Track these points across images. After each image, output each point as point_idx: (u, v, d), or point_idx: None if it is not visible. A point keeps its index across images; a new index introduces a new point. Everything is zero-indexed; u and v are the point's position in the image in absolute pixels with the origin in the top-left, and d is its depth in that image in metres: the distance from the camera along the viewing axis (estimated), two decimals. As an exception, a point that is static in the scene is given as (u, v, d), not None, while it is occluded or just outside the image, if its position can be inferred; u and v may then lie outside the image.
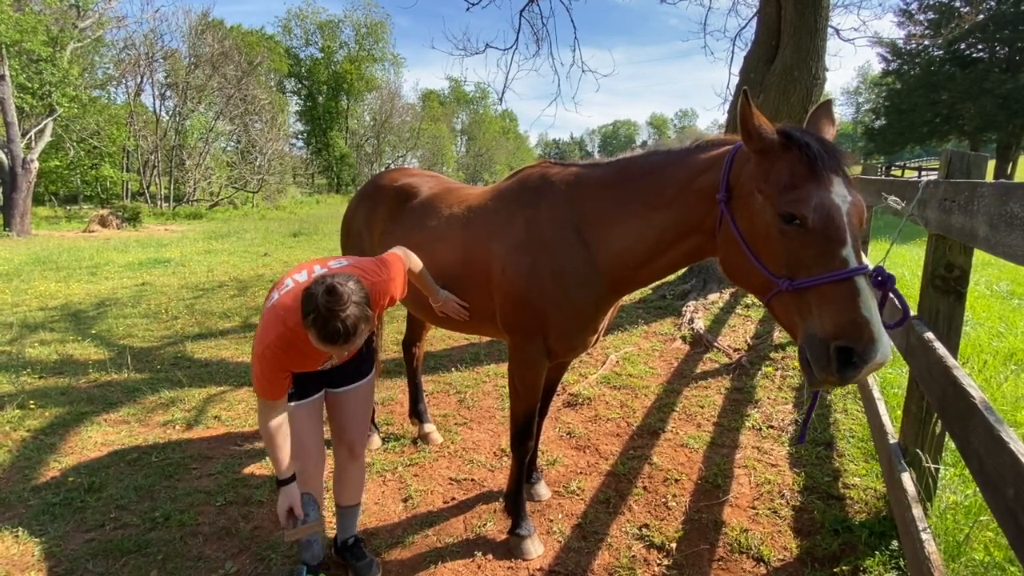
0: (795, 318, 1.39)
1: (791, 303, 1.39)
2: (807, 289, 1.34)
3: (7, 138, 16.10)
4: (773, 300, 1.45)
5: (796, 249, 1.37)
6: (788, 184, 1.37)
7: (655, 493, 2.70)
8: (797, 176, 1.37)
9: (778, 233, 1.39)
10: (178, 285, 8.34)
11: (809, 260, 1.34)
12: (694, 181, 1.70)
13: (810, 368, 1.33)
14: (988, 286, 6.31)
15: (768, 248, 1.43)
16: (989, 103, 21.19)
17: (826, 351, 1.28)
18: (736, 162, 1.57)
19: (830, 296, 1.30)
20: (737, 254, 1.54)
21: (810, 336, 1.32)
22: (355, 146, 46.36)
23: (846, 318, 1.27)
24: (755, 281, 1.50)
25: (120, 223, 17.94)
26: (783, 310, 1.43)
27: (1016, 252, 1.27)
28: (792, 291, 1.37)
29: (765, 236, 1.44)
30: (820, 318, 1.31)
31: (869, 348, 1.24)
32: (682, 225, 1.75)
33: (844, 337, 1.25)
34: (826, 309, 1.30)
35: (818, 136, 1.44)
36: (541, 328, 2.04)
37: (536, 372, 2.15)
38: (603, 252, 1.92)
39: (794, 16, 5.84)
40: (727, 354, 4.59)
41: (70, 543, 2.40)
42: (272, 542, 2.38)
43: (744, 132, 1.45)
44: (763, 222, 1.44)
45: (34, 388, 4.23)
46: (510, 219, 2.10)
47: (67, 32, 19.52)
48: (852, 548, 2.22)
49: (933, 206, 2.02)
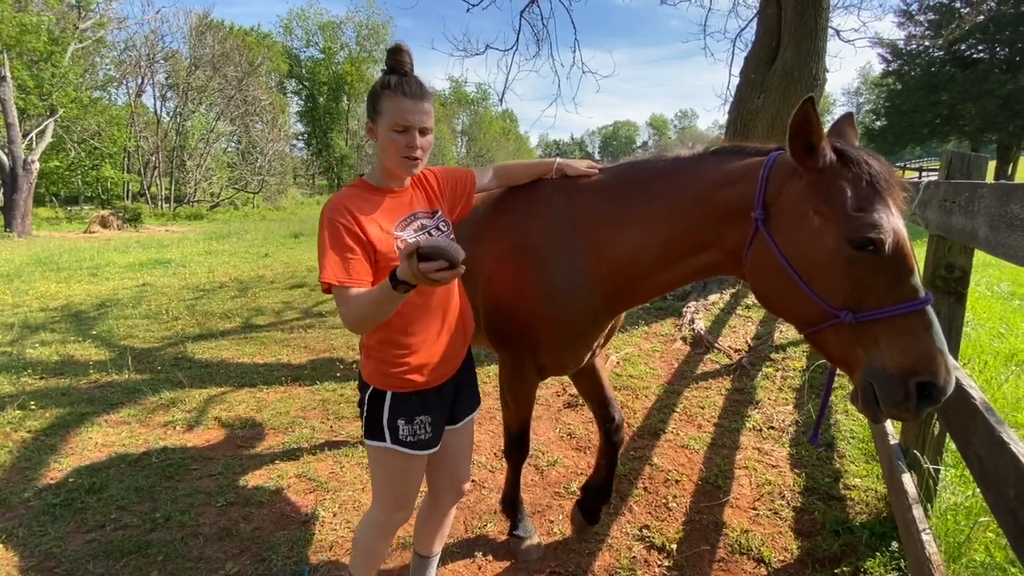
0: (855, 351, 1.28)
1: (850, 336, 1.28)
2: (873, 322, 1.24)
3: (8, 139, 16.12)
4: (825, 332, 1.32)
5: (863, 277, 1.25)
6: (856, 206, 1.25)
7: (656, 494, 2.70)
8: (862, 198, 1.26)
9: (844, 260, 1.26)
10: (179, 286, 8.34)
11: (879, 290, 1.24)
12: (716, 193, 1.51)
13: (876, 404, 1.24)
14: (989, 287, 6.31)
15: (828, 277, 1.29)
16: (990, 104, 21.19)
17: (903, 387, 1.20)
18: (774, 177, 1.40)
19: (903, 328, 1.22)
20: (782, 282, 1.36)
21: (879, 371, 1.23)
22: (355, 147, 46.37)
23: (923, 352, 1.19)
24: (806, 312, 1.34)
25: (121, 224, 17.97)
26: (839, 343, 1.30)
27: (1017, 253, 1.27)
28: (854, 324, 1.26)
29: (826, 264, 1.29)
30: (891, 351, 1.22)
31: (948, 382, 1.19)
32: (695, 240, 1.57)
33: (923, 372, 1.19)
34: (899, 342, 1.21)
35: (870, 152, 1.33)
36: (529, 343, 1.87)
37: (527, 387, 2.02)
38: (599, 264, 1.73)
39: (794, 17, 5.85)
40: (728, 355, 4.59)
41: (71, 544, 2.40)
42: (272, 543, 2.38)
43: (804, 147, 1.30)
44: (823, 248, 1.29)
45: (35, 389, 4.24)
46: (498, 225, 1.91)
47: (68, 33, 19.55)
48: (853, 549, 2.22)
49: (934, 207, 2.02)
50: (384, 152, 1.48)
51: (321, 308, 6.81)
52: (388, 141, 1.46)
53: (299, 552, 2.32)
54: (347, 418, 3.63)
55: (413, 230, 1.55)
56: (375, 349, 1.55)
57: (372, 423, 1.57)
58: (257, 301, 7.25)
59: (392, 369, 1.54)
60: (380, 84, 1.47)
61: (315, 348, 5.21)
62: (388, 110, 1.44)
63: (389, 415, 1.54)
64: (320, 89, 44.86)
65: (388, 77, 1.47)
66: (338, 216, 1.44)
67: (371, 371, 1.57)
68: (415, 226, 1.56)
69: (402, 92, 1.44)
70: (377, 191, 1.54)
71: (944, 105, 22.95)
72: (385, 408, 1.55)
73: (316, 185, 45.67)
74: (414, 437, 1.56)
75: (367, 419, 1.58)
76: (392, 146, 1.46)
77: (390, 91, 1.45)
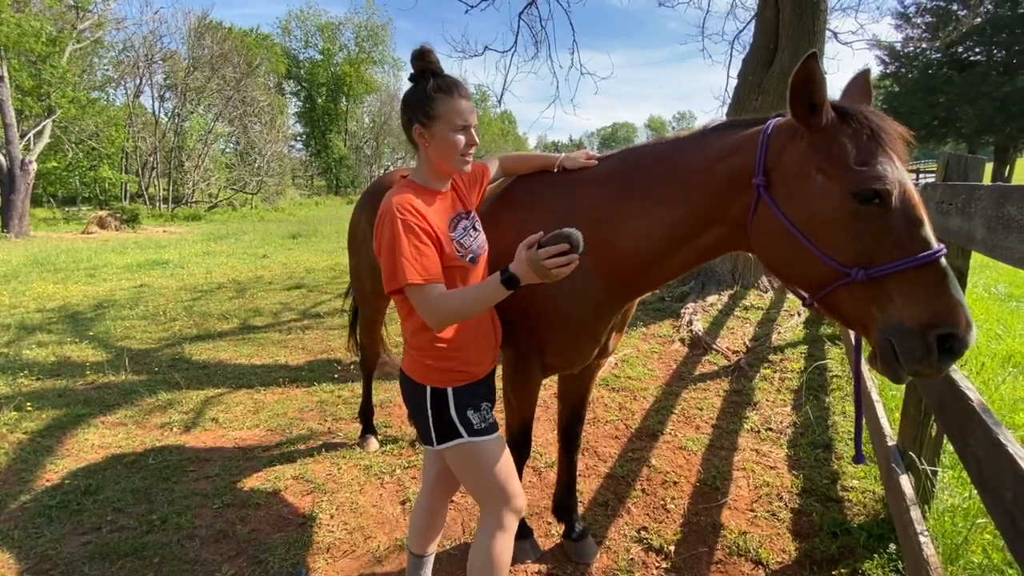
0: (870, 311, 1.24)
1: (864, 295, 1.24)
2: (886, 277, 1.21)
3: (6, 139, 16.10)
4: (837, 293, 1.29)
5: (872, 232, 1.22)
6: (858, 160, 1.23)
7: (654, 495, 2.69)
8: (864, 152, 1.24)
9: (849, 216, 1.24)
10: (176, 287, 8.33)
11: (889, 243, 1.21)
12: (715, 167, 1.50)
13: (897, 362, 1.21)
14: (986, 288, 6.33)
15: (835, 234, 1.26)
16: (987, 106, 21.29)
17: (923, 342, 1.17)
18: (774, 142, 1.39)
19: (917, 281, 1.18)
20: (788, 245, 1.34)
21: (896, 327, 1.20)
22: (354, 148, 46.41)
23: (940, 303, 1.16)
24: (815, 273, 1.31)
25: (119, 225, 17.94)
26: (852, 303, 1.27)
27: (1013, 254, 1.28)
28: (866, 281, 1.23)
29: (831, 221, 1.26)
30: (908, 306, 1.18)
31: (969, 333, 1.15)
32: (700, 218, 1.55)
33: (942, 324, 1.15)
34: (915, 296, 1.18)
35: (870, 108, 1.32)
36: (533, 341, 1.84)
37: (531, 386, 1.99)
38: (603, 255, 1.68)
39: (792, 19, 5.86)
40: (726, 356, 4.59)
41: (66, 546, 2.39)
42: (269, 545, 2.37)
43: (806, 106, 1.28)
44: (828, 206, 1.27)
45: (31, 390, 4.22)
46: (499, 221, 1.86)
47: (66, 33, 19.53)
48: (851, 551, 2.22)
49: (931, 208, 2.02)
50: (443, 153, 1.50)
51: (319, 309, 6.80)
52: (449, 142, 1.48)
53: (296, 554, 2.31)
54: (344, 419, 3.62)
55: (461, 230, 1.58)
56: (429, 350, 1.54)
57: (442, 425, 1.54)
58: (255, 302, 7.24)
59: (449, 363, 1.55)
60: (431, 89, 1.48)
61: (313, 349, 5.20)
62: (446, 112, 1.47)
63: (457, 410, 1.54)
64: (319, 90, 44.89)
65: (436, 80, 1.48)
66: (408, 215, 1.42)
67: (425, 372, 1.56)
68: (462, 226, 1.59)
69: (458, 93, 1.48)
70: (428, 191, 1.54)
71: (941, 107, 23.06)
72: (450, 404, 1.54)
73: (315, 186, 45.65)
74: (485, 423, 1.57)
75: (436, 423, 1.55)
76: (454, 147, 1.48)
77: (443, 94, 1.47)
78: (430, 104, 1.47)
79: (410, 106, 1.51)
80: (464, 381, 1.56)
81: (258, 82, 32.78)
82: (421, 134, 1.50)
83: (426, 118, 1.48)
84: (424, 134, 1.50)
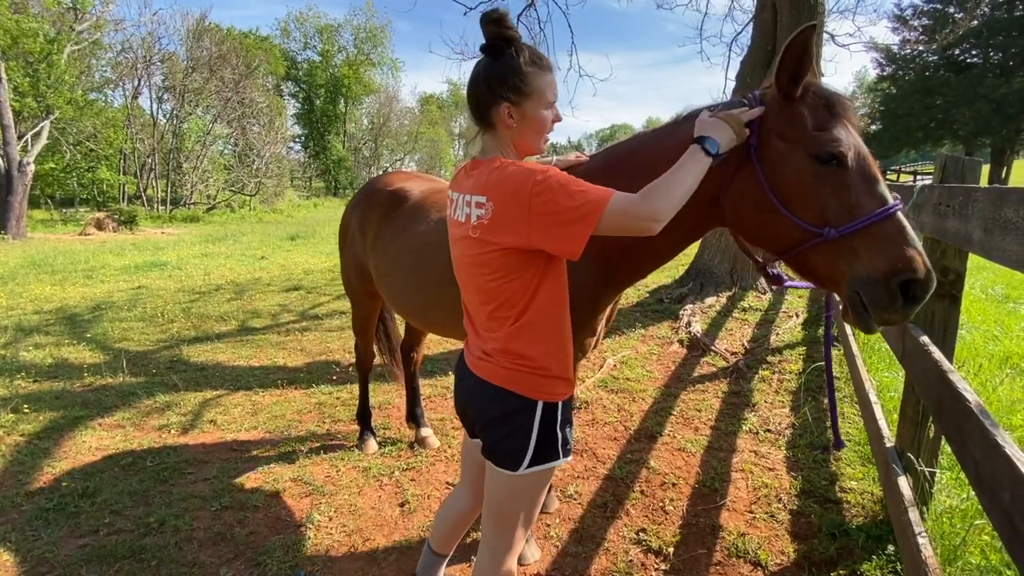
0: (839, 266, 1.35)
1: (832, 253, 1.35)
2: (851, 234, 1.31)
3: (3, 141, 16.06)
4: (809, 253, 1.38)
5: (833, 192, 1.34)
6: (816, 126, 1.36)
7: (652, 497, 2.69)
8: (822, 119, 1.36)
9: (811, 177, 1.35)
10: (174, 288, 8.31)
11: (849, 202, 1.32)
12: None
13: (866, 312, 1.31)
14: (983, 290, 6.35)
15: (800, 196, 1.37)
16: (983, 108, 21.37)
17: (887, 289, 1.27)
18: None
19: (879, 235, 1.29)
20: (762, 213, 1.43)
21: (864, 279, 1.30)
22: (353, 149, 46.41)
23: (901, 253, 1.27)
24: (788, 236, 1.40)
25: (116, 226, 17.92)
26: (822, 262, 1.38)
27: (1010, 256, 1.28)
28: (835, 239, 1.33)
29: (796, 183, 1.37)
30: (872, 259, 1.29)
31: (929, 278, 1.26)
32: None
33: (903, 271, 1.26)
34: (877, 249, 1.28)
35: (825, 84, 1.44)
36: None
37: None
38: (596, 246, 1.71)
39: (790, 22, 5.88)
40: (724, 358, 4.59)
41: (64, 549, 2.38)
42: (267, 547, 2.36)
43: (791, 75, 1.36)
44: (792, 169, 1.38)
45: (28, 392, 4.21)
46: None
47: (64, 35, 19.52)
48: (849, 552, 2.22)
49: (928, 210, 2.03)
50: (530, 130, 1.37)
51: (318, 311, 6.79)
52: (540, 120, 1.36)
53: (294, 556, 2.30)
54: (343, 421, 3.62)
55: None
56: (539, 362, 1.35)
57: (547, 444, 1.36)
58: (253, 304, 7.22)
59: (557, 374, 1.39)
60: (524, 62, 1.32)
61: (311, 351, 5.19)
62: (539, 87, 1.33)
63: (562, 427, 1.39)
64: (317, 92, 44.90)
65: (527, 53, 1.33)
66: (550, 170, 1.24)
67: (536, 384, 1.36)
68: None
69: (547, 67, 1.36)
70: None
71: (938, 109, 23.14)
72: (559, 421, 1.39)
73: (313, 188, 45.62)
74: (571, 442, 1.44)
75: (539, 443, 1.36)
76: (543, 125, 1.37)
77: (537, 68, 1.33)
78: (525, 79, 1.31)
79: (496, 81, 1.32)
80: (568, 393, 1.41)
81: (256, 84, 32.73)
82: (510, 113, 1.33)
83: (517, 95, 1.32)
84: (513, 113, 1.33)
